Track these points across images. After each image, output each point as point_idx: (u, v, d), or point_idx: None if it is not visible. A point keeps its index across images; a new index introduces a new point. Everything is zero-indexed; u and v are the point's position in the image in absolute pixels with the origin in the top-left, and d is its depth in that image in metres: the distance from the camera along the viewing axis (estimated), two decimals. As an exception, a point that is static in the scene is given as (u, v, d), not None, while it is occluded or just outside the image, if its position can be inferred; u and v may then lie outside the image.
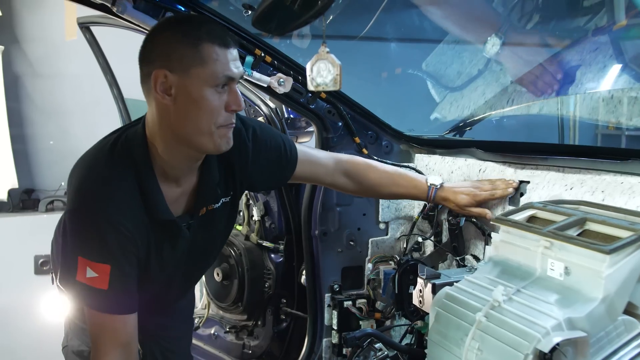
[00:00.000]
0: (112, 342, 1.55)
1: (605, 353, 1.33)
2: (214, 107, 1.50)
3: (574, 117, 4.46)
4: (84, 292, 1.52)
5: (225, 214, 1.83)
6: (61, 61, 4.81)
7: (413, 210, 2.54)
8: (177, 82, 1.48)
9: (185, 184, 1.68)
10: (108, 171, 1.54)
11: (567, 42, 2.80)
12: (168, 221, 1.63)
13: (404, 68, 3.84)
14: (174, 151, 1.57)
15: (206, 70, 1.47)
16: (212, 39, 1.47)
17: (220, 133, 1.54)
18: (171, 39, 1.48)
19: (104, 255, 1.49)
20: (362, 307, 2.42)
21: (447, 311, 1.54)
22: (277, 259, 2.86)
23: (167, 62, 1.47)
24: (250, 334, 3.00)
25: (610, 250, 1.30)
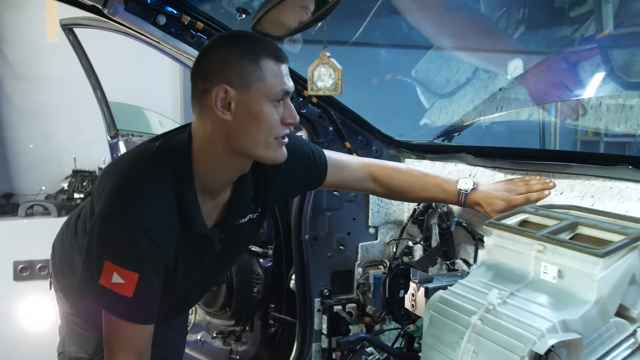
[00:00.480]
0: (127, 350, 1.54)
1: (598, 354, 1.35)
2: (273, 121, 1.54)
3: (556, 123, 4.53)
4: (107, 297, 1.49)
5: (251, 230, 1.84)
6: (43, 63, 4.77)
7: (402, 214, 2.56)
8: (237, 98, 1.51)
9: (221, 197, 1.69)
10: (148, 178, 1.54)
11: (553, 50, 2.85)
12: (202, 234, 1.63)
13: (393, 74, 3.87)
14: (223, 163, 1.59)
15: (266, 85, 1.51)
16: (270, 55, 1.51)
17: (276, 145, 1.58)
18: (230, 56, 1.50)
19: (133, 263, 1.48)
20: (352, 311, 2.43)
21: (442, 315, 1.55)
22: (265, 263, 2.85)
23: (228, 79, 1.50)
24: (238, 340, 2.99)
25: (604, 253, 1.33)
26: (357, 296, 2.46)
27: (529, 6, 3.21)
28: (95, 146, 4.96)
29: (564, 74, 2.75)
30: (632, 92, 2.77)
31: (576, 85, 2.85)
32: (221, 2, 2.39)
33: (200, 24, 2.06)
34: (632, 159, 1.70)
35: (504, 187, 1.94)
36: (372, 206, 2.52)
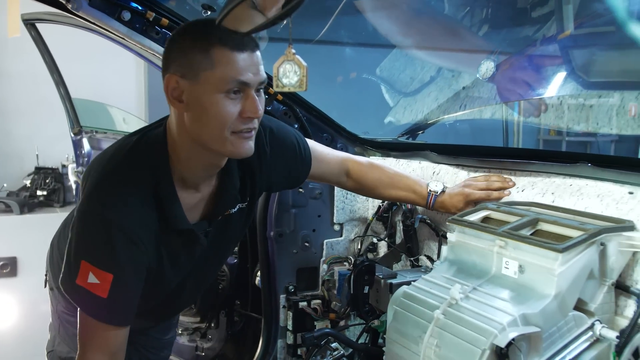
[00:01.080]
0: (100, 350, 1.52)
1: (557, 347, 1.39)
2: (225, 114, 1.44)
3: (519, 122, 4.61)
4: (82, 296, 1.47)
5: (242, 220, 1.79)
6: (3, 59, 4.67)
7: (367, 212, 2.58)
8: (188, 88, 1.44)
9: (205, 189, 1.63)
10: (124, 175, 1.51)
11: (515, 50, 2.89)
12: (185, 230, 1.59)
13: (359, 72, 3.89)
14: (195, 157, 1.53)
15: (215, 75, 1.41)
16: (224, 42, 1.41)
17: (234, 140, 1.48)
18: (183, 44, 1.45)
19: (108, 264, 1.45)
20: (317, 307, 2.43)
21: (406, 310, 1.57)
22: (231, 260, 2.84)
23: (179, 68, 1.44)
24: (203, 336, 2.98)
25: (563, 248, 1.37)
26: (322, 292, 2.47)
27: (492, 6, 3.26)
28: (59, 143, 4.88)
29: (526, 73, 2.80)
30: (592, 92, 2.85)
31: (538, 85, 2.91)
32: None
33: (165, 20, 2.04)
34: (591, 156, 1.74)
35: (464, 183, 1.96)
36: (337, 203, 2.53)
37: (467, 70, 3.01)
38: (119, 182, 1.50)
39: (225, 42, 1.41)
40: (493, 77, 2.86)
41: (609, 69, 2.64)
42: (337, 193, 2.53)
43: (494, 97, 2.87)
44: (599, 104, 2.85)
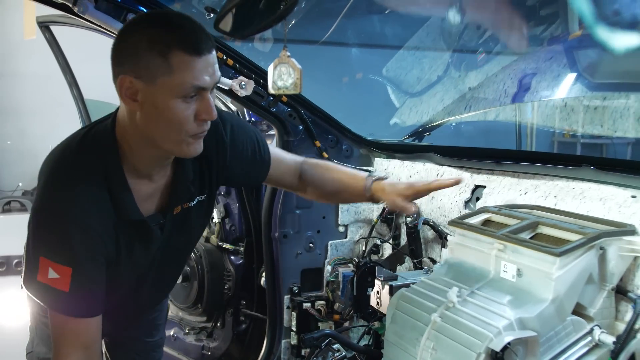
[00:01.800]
0: (73, 345, 1.51)
1: (555, 352, 1.38)
2: (182, 118, 1.41)
3: (531, 124, 4.57)
4: (46, 293, 1.47)
5: (201, 213, 1.76)
6: (19, 60, 4.73)
7: (372, 213, 2.57)
8: (143, 90, 1.39)
9: (160, 179, 1.60)
10: (74, 169, 1.49)
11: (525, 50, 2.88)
12: (138, 221, 1.56)
13: (364, 73, 3.88)
14: (146, 150, 1.50)
15: (174, 81, 1.37)
16: (183, 46, 1.36)
17: (189, 141, 1.46)
18: (139, 44, 1.37)
19: (66, 258, 1.44)
20: (321, 308, 2.44)
21: (404, 312, 1.57)
22: (237, 260, 2.86)
23: (134, 68, 1.38)
24: (209, 336, 3.00)
25: (560, 252, 1.36)
26: (326, 294, 2.48)
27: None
28: (72, 143, 4.90)
29: (540, 74, 2.78)
30: (610, 94, 2.82)
31: (552, 86, 2.89)
32: (191, 1, 2.38)
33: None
34: (594, 159, 1.74)
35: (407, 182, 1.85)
36: (342, 205, 2.53)
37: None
38: (69, 175, 1.48)
39: (184, 47, 1.36)
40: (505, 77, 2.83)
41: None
42: (342, 194, 2.53)
43: (501, 98, 2.85)
44: (615, 105, 2.82)
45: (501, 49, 2.87)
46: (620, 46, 2.39)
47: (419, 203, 2.28)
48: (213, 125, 1.58)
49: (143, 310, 1.97)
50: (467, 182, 2.11)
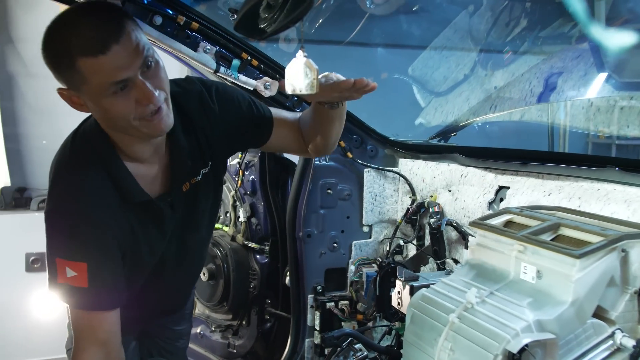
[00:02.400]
0: (90, 339, 1.55)
1: (574, 355, 1.36)
2: (122, 110, 1.40)
3: (563, 125, 4.49)
4: (68, 293, 1.50)
5: (210, 186, 1.77)
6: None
7: (397, 213, 2.57)
8: (77, 97, 1.43)
9: (159, 160, 1.63)
10: (72, 168, 1.53)
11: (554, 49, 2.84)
12: (145, 202, 1.58)
13: (390, 73, 3.86)
14: (127, 139, 1.53)
15: (92, 85, 1.36)
16: (84, 51, 1.33)
17: (145, 124, 1.44)
18: (52, 61, 1.38)
19: (79, 254, 1.48)
20: (345, 308, 2.45)
21: (423, 312, 1.57)
22: (262, 259, 2.88)
23: (61, 82, 1.42)
24: (235, 334, 3.02)
25: (580, 254, 1.34)
26: (350, 293, 2.49)
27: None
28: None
29: (567, 73, 2.74)
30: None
31: (580, 85, 2.84)
32: (217, 3, 2.40)
33: (195, 24, 2.08)
34: (619, 160, 1.71)
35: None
36: (366, 205, 2.53)
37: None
38: (69, 175, 1.52)
39: (86, 51, 1.33)
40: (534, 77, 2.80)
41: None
42: (367, 194, 2.54)
43: (527, 98, 2.81)
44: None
45: (528, 48, 2.83)
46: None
47: (442, 204, 2.28)
48: (197, 94, 1.62)
49: (174, 298, 2.01)
50: (491, 183, 2.10)
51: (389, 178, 2.58)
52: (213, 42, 2.14)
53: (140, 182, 1.57)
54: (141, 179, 1.58)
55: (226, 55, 2.17)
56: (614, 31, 2.42)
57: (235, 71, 2.18)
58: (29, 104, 4.82)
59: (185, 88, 1.67)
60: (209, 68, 2.14)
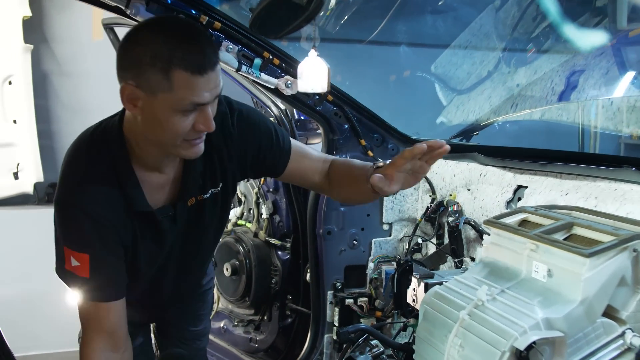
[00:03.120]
0: (96, 329, 1.59)
1: (584, 354, 1.36)
2: (179, 129, 1.44)
3: (594, 124, 4.42)
4: (71, 280, 1.56)
5: (217, 206, 1.78)
6: (87, 61, 4.92)
7: (417, 212, 2.59)
8: (144, 99, 1.43)
9: (170, 172, 1.65)
10: (84, 163, 1.56)
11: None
12: (146, 212, 1.61)
13: (412, 72, 3.85)
14: (149, 148, 1.56)
15: (174, 97, 1.39)
16: (185, 66, 1.37)
17: (186, 145, 1.49)
18: (142, 58, 1.39)
19: (81, 245, 1.52)
20: (363, 305, 2.47)
21: (435, 309, 1.59)
22: (284, 256, 2.92)
23: (136, 79, 1.41)
24: (257, 328, 3.07)
25: (590, 253, 1.34)
26: (369, 291, 2.51)
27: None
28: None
29: (589, 71, 2.71)
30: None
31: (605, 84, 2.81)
32: (239, 3, 2.44)
33: (218, 24, 2.12)
34: (636, 160, 1.70)
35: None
36: (386, 203, 2.55)
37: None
38: (80, 170, 1.55)
39: (186, 67, 1.37)
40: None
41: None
42: (386, 192, 2.55)
43: (549, 96, 2.79)
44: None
45: (552, 46, 2.81)
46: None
47: (461, 203, 2.29)
48: (219, 116, 1.60)
49: (175, 300, 2.03)
50: (509, 183, 2.11)
51: (409, 177, 2.58)
52: (235, 42, 2.18)
53: (147, 189, 1.60)
54: (148, 186, 1.60)
55: (248, 54, 2.22)
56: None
57: (257, 70, 2.22)
58: (62, 101, 4.94)
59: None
60: (231, 67, 2.19)
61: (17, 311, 4.02)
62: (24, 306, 4.13)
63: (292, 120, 2.85)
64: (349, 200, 1.98)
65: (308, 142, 2.97)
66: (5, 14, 4.42)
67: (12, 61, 4.49)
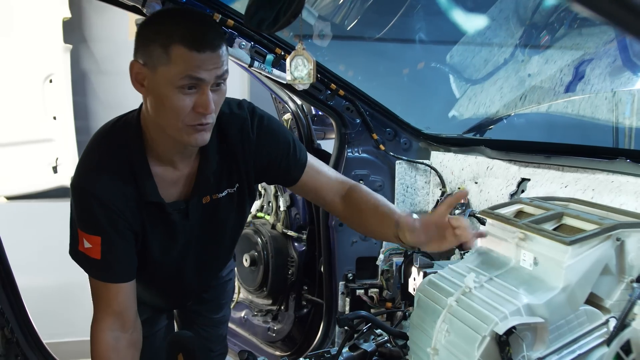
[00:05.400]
0: (106, 309, 1.67)
1: (565, 340, 1.39)
2: (178, 108, 1.50)
3: (629, 118, 4.31)
4: (84, 261, 1.65)
5: (233, 205, 1.83)
6: (124, 59, 5.04)
7: (428, 205, 2.62)
8: (148, 76, 1.52)
9: (184, 168, 1.70)
10: (100, 152, 1.64)
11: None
12: (157, 203, 1.68)
13: (425, 65, 3.83)
14: (162, 138, 1.62)
15: (171, 71, 1.47)
16: (183, 41, 1.45)
17: (188, 131, 1.54)
18: (148, 34, 1.50)
19: (94, 228, 1.60)
20: (374, 295, 2.51)
21: (427, 296, 1.63)
22: (300, 247, 2.98)
23: (142, 56, 1.51)
24: (274, 318, 3.15)
25: (571, 241, 1.37)
26: (380, 282, 2.55)
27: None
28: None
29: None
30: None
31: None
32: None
33: (231, 21, 2.19)
34: (631, 152, 1.71)
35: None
36: (398, 196, 2.59)
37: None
38: (96, 158, 1.64)
39: (184, 41, 1.45)
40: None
41: None
42: (398, 186, 2.60)
43: (556, 88, 2.77)
44: None
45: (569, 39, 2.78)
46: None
47: (469, 195, 2.32)
48: (240, 120, 1.69)
49: (196, 290, 2.11)
50: (514, 175, 2.13)
51: (420, 170, 2.63)
52: (248, 38, 2.25)
53: (160, 183, 1.67)
54: (161, 181, 1.67)
55: (260, 50, 2.29)
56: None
57: (269, 65, 2.29)
58: (100, 99, 5.11)
59: (233, 111, 1.73)
60: (244, 62, 2.26)
61: (54, 300, 4.19)
62: (60, 295, 4.29)
63: (309, 115, 2.91)
64: (367, 235, 1.99)
65: (325, 137, 3.03)
66: (46, 16, 4.60)
67: (53, 60, 4.66)
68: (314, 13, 2.17)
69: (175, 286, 1.97)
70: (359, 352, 1.98)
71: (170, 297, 2.09)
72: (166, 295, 2.05)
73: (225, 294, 2.35)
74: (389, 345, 2.08)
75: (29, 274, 3.85)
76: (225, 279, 2.29)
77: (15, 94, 4.50)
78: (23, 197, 4.72)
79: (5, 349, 2.15)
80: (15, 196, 4.71)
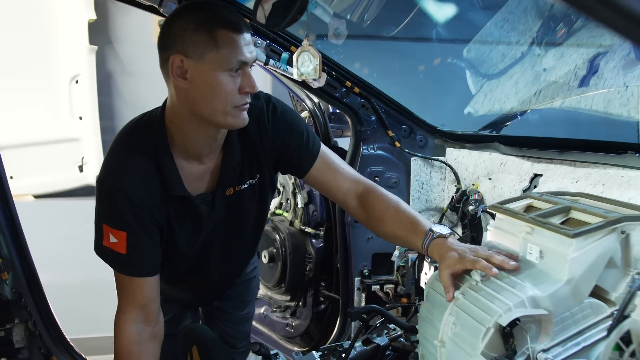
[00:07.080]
0: (130, 302, 1.72)
1: (570, 332, 1.39)
2: (229, 91, 1.57)
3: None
4: (109, 256, 1.69)
5: (255, 196, 1.88)
6: (148, 60, 5.14)
7: (443, 202, 2.63)
8: (193, 67, 1.55)
9: (209, 162, 1.75)
10: (126, 148, 1.69)
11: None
12: (184, 197, 1.71)
13: (441, 62, 3.81)
14: (193, 130, 1.66)
15: (220, 55, 1.54)
16: (226, 25, 1.54)
17: (235, 113, 1.60)
18: (186, 26, 1.55)
19: (119, 223, 1.65)
20: (389, 291, 2.53)
21: (436, 290, 1.65)
22: (317, 244, 3.02)
23: (183, 48, 1.55)
24: (293, 314, 3.19)
25: (575, 234, 1.37)
26: (396, 278, 2.57)
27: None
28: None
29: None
30: None
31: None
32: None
33: (246, 20, 2.23)
34: (638, 146, 1.71)
35: (468, 246, 1.64)
36: (413, 192, 2.61)
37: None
38: (122, 154, 1.68)
39: (226, 25, 1.54)
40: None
41: None
42: (413, 183, 2.61)
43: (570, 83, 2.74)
44: None
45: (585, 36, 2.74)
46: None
47: (483, 192, 2.33)
48: (257, 111, 1.73)
49: (220, 286, 2.16)
50: (527, 171, 2.13)
51: (435, 167, 2.64)
52: (263, 37, 2.29)
53: (185, 178, 1.71)
54: (187, 176, 1.72)
55: (276, 48, 2.32)
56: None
57: (284, 63, 2.33)
58: (125, 99, 5.21)
59: (250, 102, 1.75)
60: (259, 60, 2.30)
61: (81, 296, 4.28)
62: (87, 291, 4.39)
63: (326, 113, 2.93)
64: (388, 240, 1.90)
65: (343, 135, 3.05)
66: (73, 18, 4.71)
67: (79, 61, 4.78)
68: (329, 11, 2.21)
69: (201, 281, 2.02)
70: (372, 346, 2.00)
71: (195, 291, 2.14)
72: (191, 290, 2.10)
73: (249, 291, 2.39)
74: (402, 340, 2.10)
75: (55, 271, 3.95)
76: (249, 276, 2.34)
77: (42, 95, 4.62)
78: (50, 196, 4.83)
79: (29, 341, 2.22)
80: (43, 194, 4.82)
